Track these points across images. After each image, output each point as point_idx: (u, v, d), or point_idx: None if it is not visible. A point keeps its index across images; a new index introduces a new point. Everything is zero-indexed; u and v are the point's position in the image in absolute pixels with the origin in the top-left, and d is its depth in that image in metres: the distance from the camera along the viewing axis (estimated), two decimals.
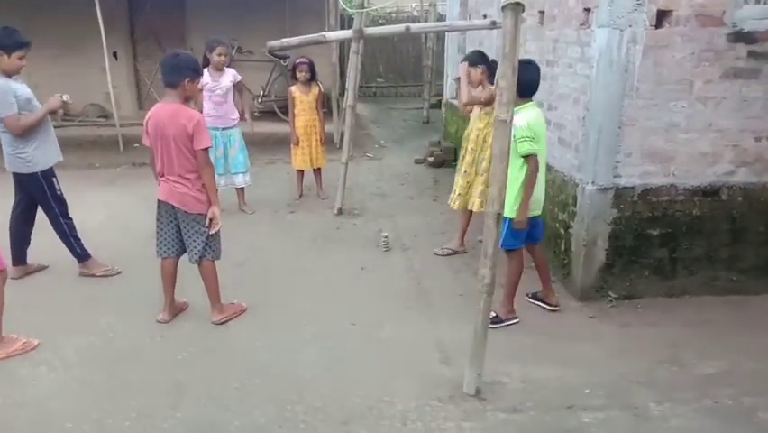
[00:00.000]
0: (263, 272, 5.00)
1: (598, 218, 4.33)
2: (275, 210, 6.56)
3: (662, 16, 4.00)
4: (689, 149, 4.27)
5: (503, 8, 2.85)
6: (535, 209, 4.09)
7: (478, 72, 4.91)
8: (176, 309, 4.23)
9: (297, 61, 6.59)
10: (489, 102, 4.87)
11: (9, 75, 4.29)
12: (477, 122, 5.09)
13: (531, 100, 3.98)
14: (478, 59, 4.96)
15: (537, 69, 4.00)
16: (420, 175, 8.15)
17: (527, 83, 3.86)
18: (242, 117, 6.29)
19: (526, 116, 3.87)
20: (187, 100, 3.95)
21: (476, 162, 5.13)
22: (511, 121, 2.98)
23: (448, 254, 5.33)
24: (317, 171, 6.93)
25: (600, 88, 4.15)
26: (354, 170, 7.23)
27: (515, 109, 3.86)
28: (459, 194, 5.23)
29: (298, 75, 6.51)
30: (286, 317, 4.27)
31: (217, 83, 5.92)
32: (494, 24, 5.77)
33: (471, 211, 5.26)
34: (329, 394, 3.38)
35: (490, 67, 4.84)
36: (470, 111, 5.14)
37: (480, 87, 4.98)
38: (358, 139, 9.09)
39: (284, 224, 6.22)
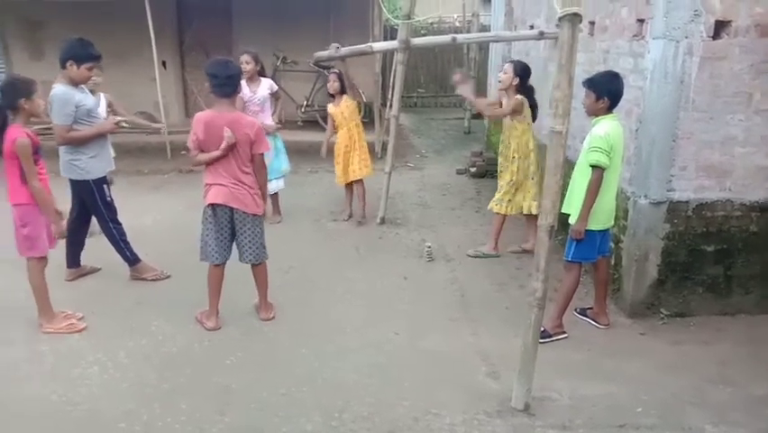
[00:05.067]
0: (308, 280, 5.03)
1: (650, 233, 4.23)
2: (317, 219, 6.61)
3: (720, 27, 3.91)
4: (746, 163, 4.15)
5: (560, 19, 2.82)
6: (607, 222, 4.02)
7: (509, 78, 5.19)
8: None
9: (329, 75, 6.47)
10: (513, 112, 5.19)
11: (76, 84, 4.44)
12: (512, 130, 5.30)
13: (613, 112, 3.91)
14: (520, 70, 5.19)
15: (623, 81, 3.95)
16: (462, 185, 8.11)
17: (617, 95, 3.86)
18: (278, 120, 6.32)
19: (607, 127, 3.81)
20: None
21: (521, 169, 5.33)
22: (567, 133, 2.93)
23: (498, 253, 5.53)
24: (356, 184, 6.50)
25: (654, 100, 4.07)
26: (396, 180, 7.23)
27: (596, 119, 3.87)
28: (509, 200, 5.42)
29: (328, 87, 6.37)
30: (330, 324, 4.29)
31: (254, 94, 6.00)
32: (542, 35, 5.74)
33: (506, 216, 5.46)
34: (375, 403, 3.38)
35: (523, 80, 5.18)
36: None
37: (505, 92, 5.30)
38: (399, 149, 9.08)
39: (327, 232, 6.26)
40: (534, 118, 5.34)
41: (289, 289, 4.80)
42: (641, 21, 4.30)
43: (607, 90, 3.82)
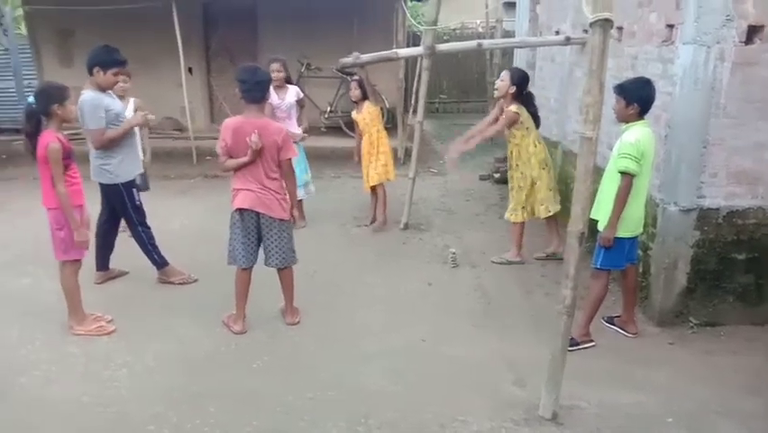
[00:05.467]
0: (333, 285, 5.05)
1: (679, 240, 4.18)
2: (342, 224, 6.63)
3: (752, 32, 3.85)
4: None
5: (591, 24, 2.81)
6: (636, 229, 3.97)
7: (505, 86, 5.20)
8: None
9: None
10: (509, 125, 5.25)
11: (103, 89, 4.52)
12: (511, 138, 5.38)
13: (644, 119, 3.87)
14: (518, 78, 5.25)
15: (654, 88, 3.90)
16: (485, 191, 8.08)
17: (648, 102, 3.81)
18: (304, 130, 6.36)
19: (637, 134, 3.76)
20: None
21: (524, 175, 5.39)
22: (596, 139, 2.91)
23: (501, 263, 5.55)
24: (377, 189, 6.43)
25: (684, 107, 4.03)
26: (419, 186, 7.19)
27: (627, 126, 3.83)
28: (523, 207, 5.48)
29: (350, 94, 6.44)
30: (354, 329, 4.30)
31: (282, 100, 6.05)
32: (568, 40, 5.69)
33: (524, 223, 5.51)
34: (401, 409, 3.37)
35: (520, 88, 5.21)
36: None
37: (502, 100, 5.32)
38: (422, 154, 9.04)
39: (351, 237, 6.28)
40: (537, 125, 5.36)
41: (314, 293, 4.82)
42: (670, 26, 4.25)
43: (637, 96, 3.78)
